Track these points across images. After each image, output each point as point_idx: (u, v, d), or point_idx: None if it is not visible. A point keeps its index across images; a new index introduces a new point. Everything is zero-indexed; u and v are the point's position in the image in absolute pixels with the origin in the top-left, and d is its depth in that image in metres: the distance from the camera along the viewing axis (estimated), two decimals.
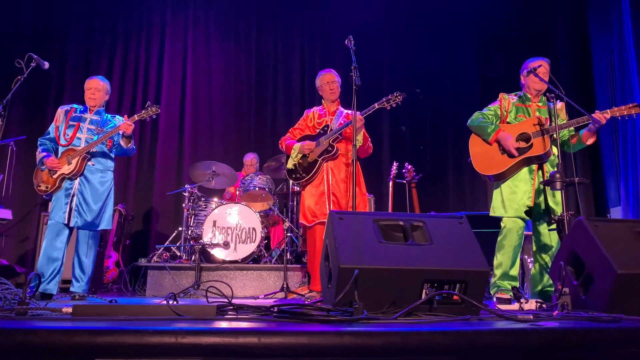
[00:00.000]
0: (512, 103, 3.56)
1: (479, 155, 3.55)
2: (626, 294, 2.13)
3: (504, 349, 1.52)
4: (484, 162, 3.52)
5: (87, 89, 3.99)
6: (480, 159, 3.54)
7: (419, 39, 7.24)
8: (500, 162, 3.45)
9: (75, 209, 3.75)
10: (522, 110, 3.53)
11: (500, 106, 3.58)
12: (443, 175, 6.96)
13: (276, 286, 4.44)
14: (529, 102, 3.54)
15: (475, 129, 3.58)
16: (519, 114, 3.52)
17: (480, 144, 3.56)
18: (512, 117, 3.53)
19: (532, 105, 3.53)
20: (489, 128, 3.49)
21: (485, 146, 3.53)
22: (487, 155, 3.51)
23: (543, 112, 3.50)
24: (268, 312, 1.90)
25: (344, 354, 1.43)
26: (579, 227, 2.39)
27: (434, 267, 2.08)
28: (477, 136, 3.59)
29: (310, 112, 4.17)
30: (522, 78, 3.60)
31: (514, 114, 3.53)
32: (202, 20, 7.09)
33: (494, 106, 3.62)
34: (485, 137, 3.51)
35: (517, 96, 3.60)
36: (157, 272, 4.50)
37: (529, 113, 3.50)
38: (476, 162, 3.56)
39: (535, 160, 3.38)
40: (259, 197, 5.27)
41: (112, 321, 1.61)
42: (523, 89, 3.61)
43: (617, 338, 1.62)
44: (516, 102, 3.56)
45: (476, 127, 3.57)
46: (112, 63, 6.68)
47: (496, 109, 3.59)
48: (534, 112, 3.50)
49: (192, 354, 1.37)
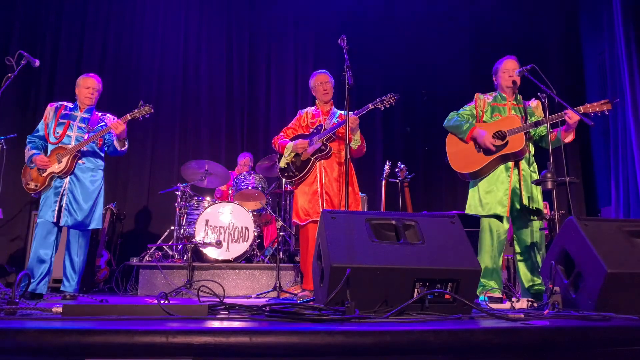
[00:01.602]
0: (487, 103, 3.61)
1: (456, 154, 3.58)
2: (616, 293, 2.14)
3: (495, 347, 1.52)
4: (461, 160, 3.55)
5: (84, 87, 3.94)
6: (457, 158, 3.57)
7: (412, 38, 7.26)
8: (477, 160, 3.47)
9: (65, 208, 3.72)
10: (497, 109, 3.58)
11: (475, 106, 3.64)
12: (435, 174, 6.99)
13: (269, 285, 4.43)
14: (504, 101, 3.59)
15: (451, 128, 3.63)
16: (494, 113, 3.57)
17: (457, 143, 3.60)
18: (488, 117, 3.58)
19: (507, 104, 3.58)
20: (464, 126, 3.53)
21: (462, 145, 3.56)
22: (463, 154, 3.54)
23: (518, 110, 3.54)
24: (260, 311, 1.90)
25: (336, 353, 1.43)
26: (570, 227, 2.40)
27: (426, 266, 2.09)
28: (453, 135, 3.63)
29: (304, 112, 4.17)
30: (495, 79, 3.68)
31: (489, 113, 3.58)
32: (195, 19, 7.06)
33: (470, 106, 3.68)
34: (462, 135, 3.54)
35: (492, 96, 3.64)
36: (149, 271, 4.48)
37: (504, 112, 3.54)
38: (453, 161, 3.59)
39: (511, 157, 3.41)
40: (251, 196, 5.26)
41: (103, 321, 1.60)
42: (497, 89, 3.67)
43: (607, 336, 1.63)
44: (491, 102, 3.61)
45: (452, 127, 3.62)
46: (104, 60, 6.64)
47: (472, 109, 3.65)
48: (510, 111, 3.54)
49: (183, 354, 1.36)
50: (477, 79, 6.95)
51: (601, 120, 6.00)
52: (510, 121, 3.45)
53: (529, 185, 3.40)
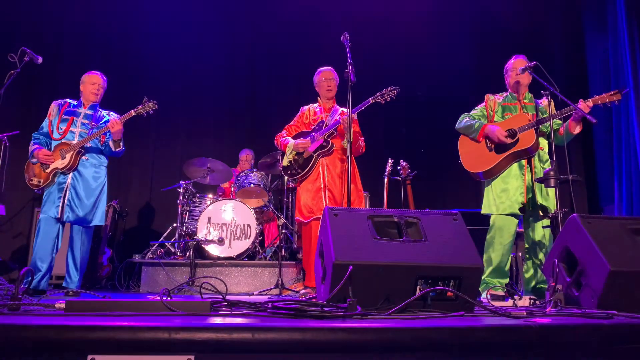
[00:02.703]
0: (498, 103, 3.61)
1: (468, 154, 3.58)
2: (619, 291, 2.14)
3: (497, 345, 1.52)
4: (473, 160, 3.54)
5: (90, 84, 3.95)
6: (469, 158, 3.57)
7: (415, 37, 7.23)
8: (489, 159, 3.47)
9: (68, 204, 3.72)
10: (508, 109, 3.58)
11: (486, 107, 3.64)
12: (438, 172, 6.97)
13: (271, 283, 4.43)
14: (514, 101, 3.59)
15: (463, 129, 3.63)
16: (505, 112, 3.57)
17: (469, 144, 3.60)
18: (499, 117, 3.58)
19: (518, 103, 3.57)
20: (475, 125, 3.54)
21: (474, 145, 3.56)
22: (475, 154, 3.53)
23: (530, 108, 3.53)
24: (262, 308, 1.90)
25: (338, 350, 1.43)
26: (573, 224, 2.40)
27: (428, 263, 2.08)
28: (465, 137, 3.63)
29: (306, 109, 4.16)
30: (506, 78, 3.67)
31: (500, 113, 3.58)
32: (198, 17, 7.06)
33: (480, 107, 3.69)
34: (473, 134, 3.54)
35: (503, 96, 3.63)
36: (152, 268, 4.49)
37: (515, 111, 3.54)
38: (465, 161, 3.59)
39: (523, 155, 3.40)
40: (254, 194, 5.26)
41: (106, 317, 1.60)
42: (508, 89, 3.66)
43: (609, 334, 1.63)
44: (502, 102, 3.60)
45: (463, 128, 3.62)
46: (108, 57, 6.64)
47: (482, 110, 3.65)
48: (520, 110, 3.54)
49: (185, 350, 1.37)
50: (481, 77, 6.93)
51: (604, 117, 5.99)
52: (520, 119, 3.44)
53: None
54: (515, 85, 3.55)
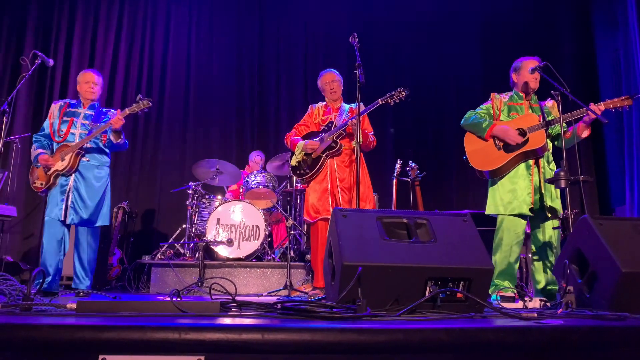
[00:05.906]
0: (504, 102, 3.56)
1: (475, 152, 3.53)
2: (631, 293, 2.12)
3: (508, 347, 1.51)
4: (480, 158, 3.49)
5: (84, 82, 3.92)
6: (476, 156, 3.51)
7: (422, 37, 7.22)
8: (497, 158, 3.42)
9: (71, 206, 3.72)
10: (514, 108, 3.53)
11: (492, 105, 3.59)
12: (447, 173, 6.95)
13: (279, 284, 4.44)
14: (520, 100, 3.55)
15: (470, 127, 3.57)
16: (511, 112, 3.52)
17: (476, 142, 3.54)
18: (505, 116, 3.53)
19: (524, 103, 3.53)
20: (483, 124, 3.48)
21: (481, 143, 3.51)
22: (483, 152, 3.49)
23: (535, 109, 3.50)
24: (272, 309, 1.90)
25: (347, 351, 1.43)
26: (584, 225, 2.38)
27: (438, 264, 2.07)
28: (471, 134, 3.57)
29: (315, 107, 4.17)
30: (514, 77, 3.59)
31: (506, 112, 3.53)
32: (205, 20, 7.10)
33: (486, 105, 3.62)
34: (481, 133, 3.48)
35: (509, 95, 3.59)
36: (161, 269, 4.51)
37: (521, 111, 3.51)
38: (472, 159, 3.52)
39: (531, 155, 3.37)
40: (262, 195, 5.27)
41: (116, 317, 1.61)
42: (514, 88, 3.61)
43: (621, 336, 1.61)
44: (508, 101, 3.56)
45: (470, 125, 3.56)
46: (116, 60, 6.69)
47: (488, 108, 3.60)
48: (527, 110, 3.50)
49: (195, 350, 1.37)
50: (489, 77, 6.90)
51: (615, 118, 5.94)
52: (529, 119, 3.40)
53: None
54: (524, 86, 3.51)
